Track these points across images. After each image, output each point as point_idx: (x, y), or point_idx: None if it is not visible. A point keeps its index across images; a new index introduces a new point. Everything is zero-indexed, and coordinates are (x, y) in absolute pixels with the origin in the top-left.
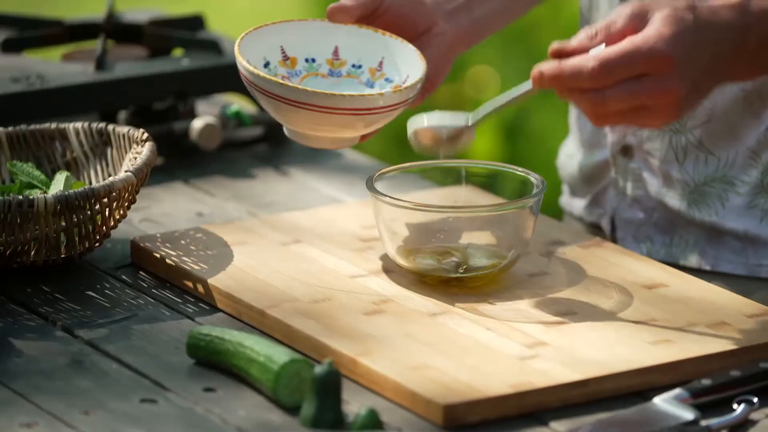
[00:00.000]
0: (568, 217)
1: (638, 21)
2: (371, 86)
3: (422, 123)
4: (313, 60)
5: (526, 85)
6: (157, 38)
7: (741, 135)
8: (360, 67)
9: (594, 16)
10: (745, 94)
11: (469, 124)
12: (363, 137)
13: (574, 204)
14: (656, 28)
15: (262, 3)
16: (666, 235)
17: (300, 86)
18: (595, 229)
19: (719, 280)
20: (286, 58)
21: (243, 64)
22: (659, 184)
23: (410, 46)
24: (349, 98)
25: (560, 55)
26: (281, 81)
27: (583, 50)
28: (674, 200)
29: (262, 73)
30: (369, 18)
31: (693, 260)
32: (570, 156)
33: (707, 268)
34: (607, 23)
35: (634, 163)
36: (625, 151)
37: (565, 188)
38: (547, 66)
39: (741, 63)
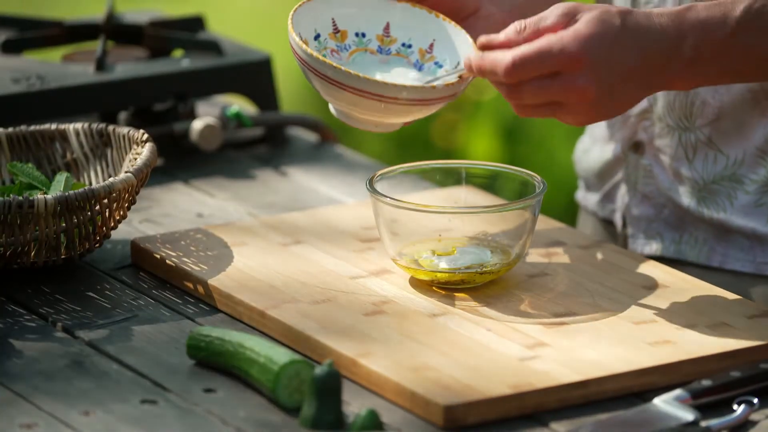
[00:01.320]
0: (584, 211)
1: (567, 20)
2: (420, 68)
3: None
4: (363, 35)
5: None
6: (157, 39)
7: (749, 133)
8: (410, 46)
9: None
10: (753, 93)
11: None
12: (406, 122)
13: (588, 199)
14: (575, 28)
15: (262, 3)
16: (676, 231)
17: (350, 71)
18: (607, 225)
19: (727, 278)
20: (336, 30)
21: (295, 40)
22: (669, 180)
23: (464, 32)
24: (397, 87)
25: (486, 48)
26: (332, 63)
27: (508, 45)
28: (684, 197)
29: (312, 51)
30: None
31: (702, 257)
32: (585, 151)
33: (715, 265)
34: (537, 18)
35: (645, 159)
36: (636, 147)
37: (580, 183)
38: (474, 56)
39: (674, 72)
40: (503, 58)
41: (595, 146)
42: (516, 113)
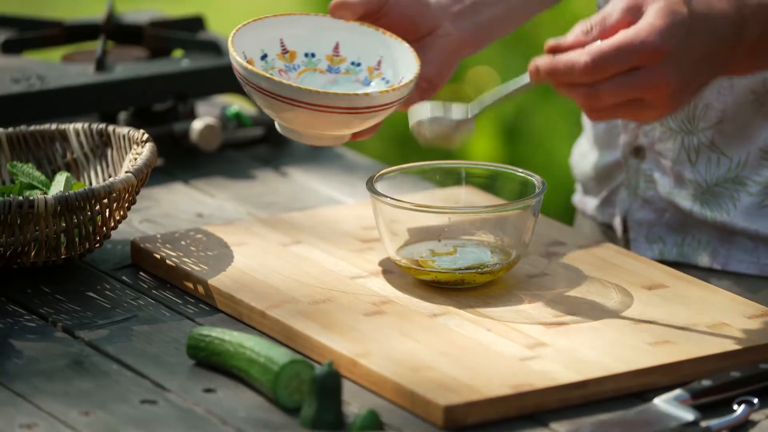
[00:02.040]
0: (581, 215)
1: (633, 14)
2: (368, 84)
3: (423, 114)
4: (313, 55)
5: (525, 78)
6: (157, 39)
7: (752, 135)
8: (359, 65)
9: None
10: (756, 95)
11: (469, 116)
12: (355, 135)
13: (587, 202)
14: (648, 20)
15: (261, 4)
16: (678, 235)
17: (289, 82)
18: (606, 229)
19: (730, 280)
20: (285, 51)
21: (235, 57)
22: (670, 184)
23: (407, 46)
24: (338, 97)
25: (556, 51)
26: (270, 76)
27: (578, 46)
28: (686, 201)
29: (252, 67)
30: (372, 16)
31: (704, 260)
32: (583, 155)
33: (718, 267)
34: (602, 16)
35: (646, 164)
36: (637, 152)
37: (578, 186)
38: (543, 60)
39: (739, 56)
40: (580, 56)
41: (593, 151)
42: (589, 117)
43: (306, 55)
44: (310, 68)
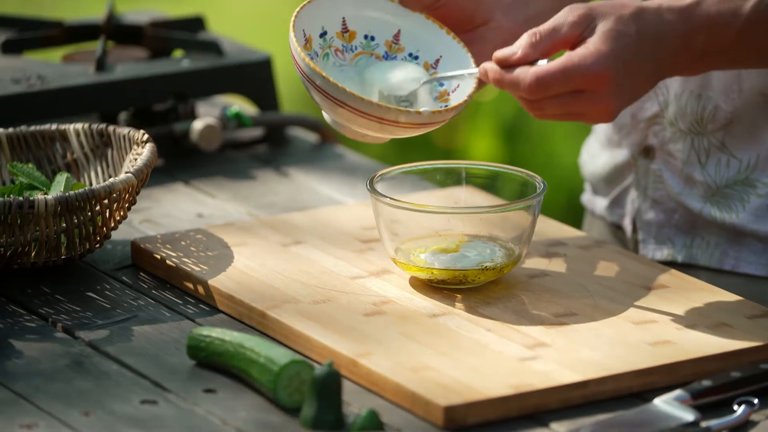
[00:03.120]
0: (590, 215)
1: (582, 29)
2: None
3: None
4: (373, 38)
5: (473, 71)
6: (157, 39)
7: (762, 137)
8: (417, 57)
9: None
10: (765, 97)
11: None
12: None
13: (596, 202)
14: (595, 44)
15: (262, 3)
16: (687, 236)
17: (340, 85)
18: (615, 229)
19: (739, 281)
20: (345, 30)
21: (293, 44)
22: (680, 185)
23: (469, 56)
24: (385, 109)
25: (504, 64)
26: (325, 75)
27: (525, 61)
28: (695, 202)
29: (310, 61)
30: (431, 6)
31: (714, 261)
32: (592, 155)
33: (728, 268)
34: (552, 28)
35: (656, 164)
36: (647, 152)
37: (587, 186)
38: (491, 69)
39: (682, 65)
40: (525, 75)
41: (603, 151)
42: (533, 117)
43: (366, 37)
44: (367, 52)
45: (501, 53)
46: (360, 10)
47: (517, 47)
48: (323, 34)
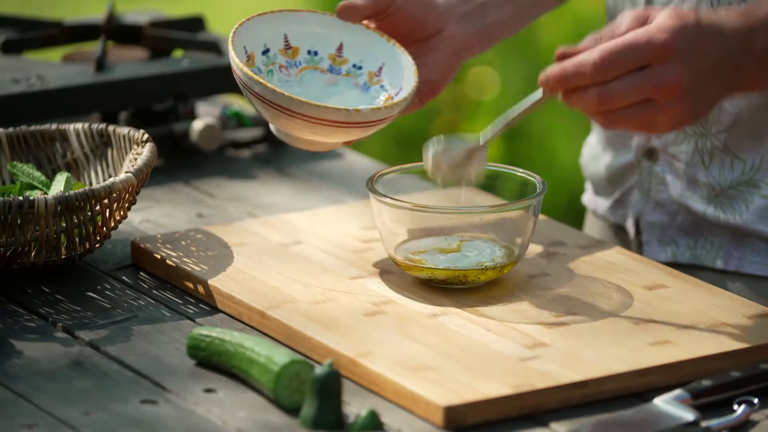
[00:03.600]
0: (591, 215)
1: (641, 22)
2: (366, 90)
3: (437, 147)
4: (316, 53)
5: (536, 95)
6: (157, 39)
7: (766, 139)
8: (360, 68)
9: (620, 11)
10: None
11: (481, 143)
12: (346, 141)
13: (597, 203)
14: (658, 21)
15: (262, 3)
16: (690, 237)
17: (280, 90)
18: (618, 231)
19: (743, 282)
20: (288, 47)
21: (233, 57)
22: (683, 187)
23: (410, 58)
24: (331, 111)
25: (565, 57)
26: (264, 82)
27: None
28: (698, 203)
29: (248, 70)
30: (379, 16)
31: (718, 262)
32: (595, 156)
33: (732, 269)
34: (611, 27)
35: (659, 166)
36: (650, 154)
37: (588, 186)
38: (552, 68)
39: (749, 68)
40: (589, 55)
41: (606, 152)
42: (601, 124)
43: (309, 52)
44: (312, 66)
45: (563, 48)
46: (301, 25)
47: (579, 45)
48: (266, 51)
